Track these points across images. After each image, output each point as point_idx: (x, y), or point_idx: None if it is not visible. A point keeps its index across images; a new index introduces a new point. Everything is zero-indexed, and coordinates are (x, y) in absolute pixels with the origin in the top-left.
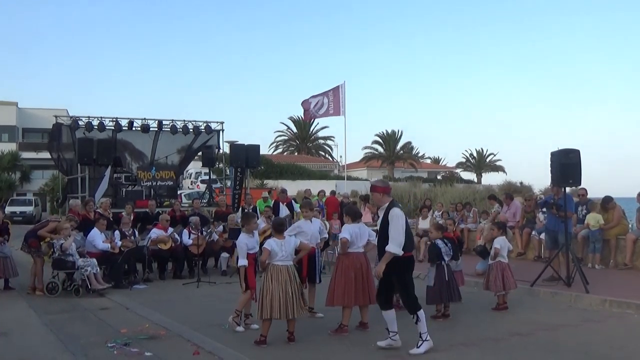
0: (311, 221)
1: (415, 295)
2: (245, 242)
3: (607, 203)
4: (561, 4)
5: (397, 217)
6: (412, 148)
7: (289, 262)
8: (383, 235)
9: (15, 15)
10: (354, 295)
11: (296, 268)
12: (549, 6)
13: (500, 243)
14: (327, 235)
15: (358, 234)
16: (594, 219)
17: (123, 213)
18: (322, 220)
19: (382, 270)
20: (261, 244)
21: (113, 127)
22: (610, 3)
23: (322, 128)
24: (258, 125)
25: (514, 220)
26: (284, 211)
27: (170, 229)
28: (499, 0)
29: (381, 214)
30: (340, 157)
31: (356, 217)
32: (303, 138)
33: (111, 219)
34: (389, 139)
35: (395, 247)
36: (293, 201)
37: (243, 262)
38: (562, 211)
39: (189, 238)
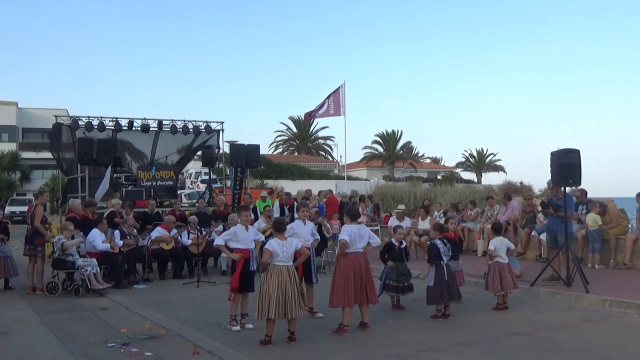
0: (305, 223)
1: None
2: (236, 231)
3: (595, 207)
4: (561, 4)
5: None
6: (412, 148)
7: (289, 262)
8: None
9: (15, 15)
10: (353, 295)
11: None
12: (550, 6)
13: (496, 244)
14: (319, 237)
15: (357, 234)
16: (592, 219)
17: (122, 212)
18: (322, 221)
19: None
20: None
21: (113, 127)
22: (611, 4)
23: (322, 128)
24: (258, 125)
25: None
26: (286, 214)
27: (174, 230)
28: (500, 1)
29: None
30: (340, 157)
31: (356, 217)
32: (303, 138)
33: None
34: (389, 139)
35: None
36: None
37: (218, 241)
38: (561, 211)
39: (188, 238)
